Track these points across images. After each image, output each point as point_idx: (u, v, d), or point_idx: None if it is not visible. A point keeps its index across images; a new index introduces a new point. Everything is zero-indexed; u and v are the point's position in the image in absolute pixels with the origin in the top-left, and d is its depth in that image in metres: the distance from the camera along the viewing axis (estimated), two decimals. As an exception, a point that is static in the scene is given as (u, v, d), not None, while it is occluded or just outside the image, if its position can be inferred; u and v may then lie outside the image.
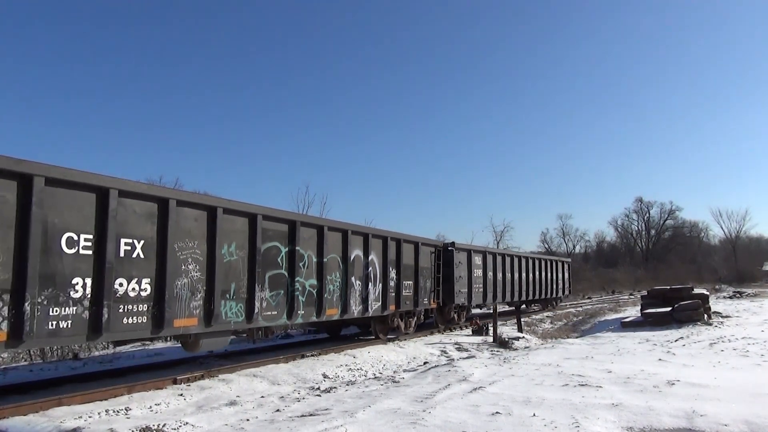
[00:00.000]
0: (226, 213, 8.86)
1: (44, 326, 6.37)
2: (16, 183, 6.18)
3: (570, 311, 27.04)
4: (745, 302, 25.19)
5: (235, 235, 9.11)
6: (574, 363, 9.42)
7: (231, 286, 9.00)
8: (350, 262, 12.08)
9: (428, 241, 16.22)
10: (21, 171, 6.18)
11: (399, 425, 5.45)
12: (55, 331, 6.49)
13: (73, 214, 6.73)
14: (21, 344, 6.25)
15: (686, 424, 5.29)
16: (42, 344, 7.16)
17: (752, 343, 11.24)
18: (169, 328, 7.86)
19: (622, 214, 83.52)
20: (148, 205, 7.68)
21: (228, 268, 8.92)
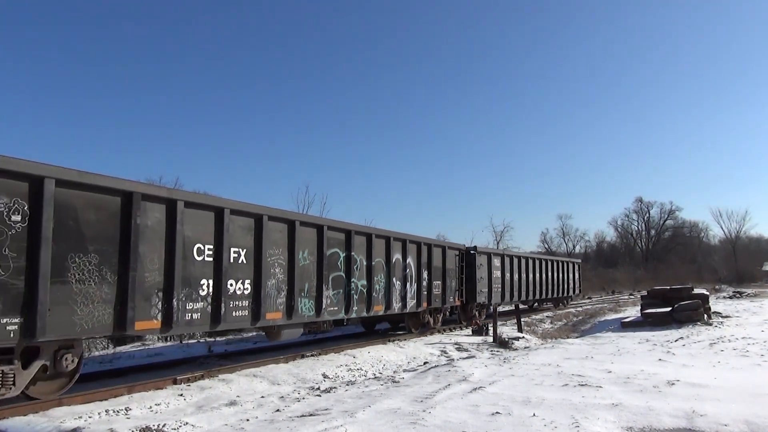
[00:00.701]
0: (301, 225, 10.73)
1: (184, 317, 8.18)
2: (165, 206, 7.99)
3: (570, 311, 27.05)
4: (745, 302, 25.20)
5: (307, 244, 10.91)
6: (574, 363, 9.42)
7: (305, 286, 10.81)
8: (392, 265, 13.81)
9: (454, 245, 17.89)
10: (169, 197, 8.06)
11: (399, 425, 5.46)
12: (190, 321, 8.32)
13: (199, 229, 8.54)
14: (169, 331, 8.06)
15: (686, 424, 5.29)
16: (181, 331, 8.67)
17: (752, 343, 11.24)
18: (262, 320, 9.62)
19: (622, 214, 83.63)
20: (248, 220, 9.46)
21: (303, 271, 10.72)
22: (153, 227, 7.81)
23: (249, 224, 9.49)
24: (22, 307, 6.29)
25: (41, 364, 6.94)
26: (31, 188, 6.42)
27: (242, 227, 9.33)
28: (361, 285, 12.63)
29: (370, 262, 12.90)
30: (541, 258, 27.00)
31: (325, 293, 11.25)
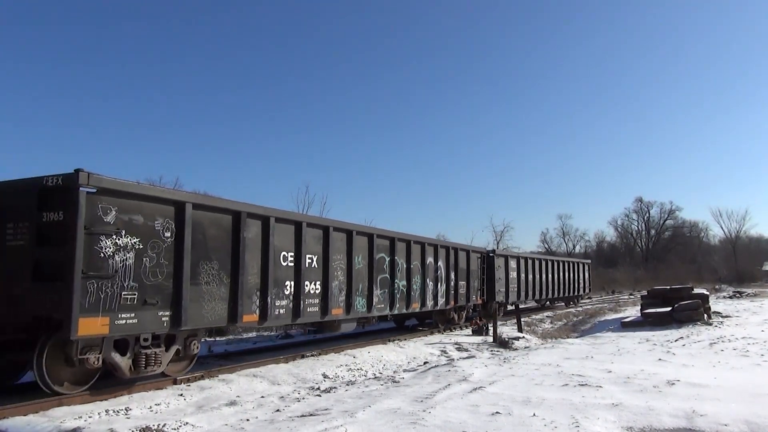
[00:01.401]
0: (357, 234, 12.44)
1: (274, 312, 9.98)
2: (260, 222, 9.78)
3: (570, 311, 27.07)
4: (745, 302, 25.20)
5: (361, 250, 12.64)
6: (574, 363, 9.42)
7: (359, 287, 12.54)
8: (426, 267, 15.47)
9: (476, 249, 19.97)
10: (264, 214, 9.82)
11: (399, 425, 5.46)
12: (278, 316, 10.13)
13: (284, 240, 10.33)
14: (264, 323, 10.00)
15: (686, 424, 5.29)
16: (271, 324, 10.80)
17: (752, 343, 11.24)
18: (329, 315, 11.41)
19: (622, 214, 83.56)
20: (318, 231, 11.31)
21: (358, 273, 12.40)
22: (253, 239, 9.56)
23: (319, 235, 11.30)
24: (171, 303, 8.01)
25: (177, 348, 8.67)
26: (176, 211, 8.16)
27: (314, 237, 11.13)
28: (402, 285, 14.34)
29: (408, 265, 14.61)
30: (553, 259, 28.81)
31: (375, 292, 13.07)
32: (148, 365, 8.07)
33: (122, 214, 7.42)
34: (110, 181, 7.25)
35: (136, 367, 7.95)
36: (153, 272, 7.76)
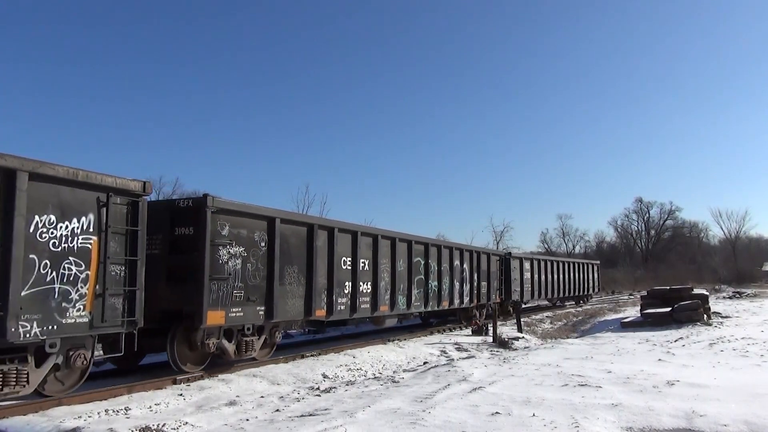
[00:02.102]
0: (399, 241, 14.24)
1: (337, 308, 11.81)
2: (326, 232, 11.68)
3: (570, 311, 27.09)
4: (744, 302, 25.20)
5: (402, 254, 14.39)
6: (573, 363, 9.42)
7: (401, 287, 14.31)
8: (454, 269, 17.17)
9: (496, 252, 22.51)
10: (330, 225, 11.83)
11: (399, 425, 5.46)
12: (340, 311, 11.98)
13: (343, 247, 12.13)
14: (330, 317, 11.72)
15: (686, 425, 5.30)
16: (335, 318, 12.05)
17: (752, 344, 11.24)
18: (377, 311, 13.36)
19: (622, 214, 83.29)
20: (369, 239, 13.11)
21: (399, 275, 14.20)
22: (321, 247, 11.41)
23: (369, 242, 13.09)
24: (265, 300, 9.86)
25: (264, 337, 10.41)
26: (268, 225, 10.01)
27: (366, 244, 12.92)
28: (434, 285, 16.01)
29: (440, 268, 16.28)
30: (564, 260, 30.96)
31: (413, 292, 14.81)
32: (246, 351, 9.86)
33: (233, 229, 9.27)
34: (225, 202, 9.16)
35: (238, 352, 9.72)
36: (253, 275, 9.66)
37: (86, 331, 7.24)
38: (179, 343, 8.91)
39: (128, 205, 7.80)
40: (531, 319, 22.59)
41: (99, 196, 7.37)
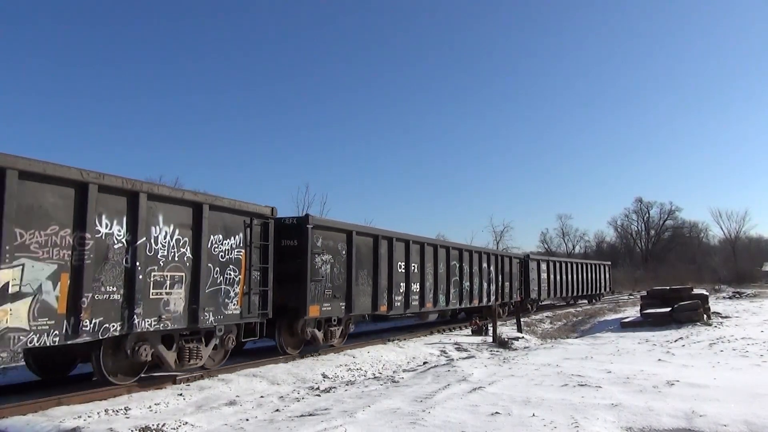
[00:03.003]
0: (440, 247, 16.83)
1: (395, 304, 14.03)
2: (387, 241, 13.89)
3: (570, 311, 27.09)
4: (744, 302, 25.20)
5: (442, 259, 16.72)
6: (573, 363, 9.42)
7: (441, 287, 16.54)
8: (482, 271, 19.55)
9: (516, 255, 24.93)
10: (390, 236, 13.97)
11: (398, 425, 5.46)
12: (397, 307, 14.16)
13: (399, 253, 14.36)
14: (389, 312, 13.97)
15: (686, 425, 5.30)
16: (393, 313, 14.30)
17: (752, 344, 11.24)
18: (424, 307, 15.65)
19: (622, 214, 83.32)
20: (417, 246, 15.36)
21: (440, 277, 16.48)
22: (383, 254, 13.63)
23: (418, 249, 15.40)
24: (345, 297, 12.21)
25: (342, 327, 12.69)
26: (347, 236, 12.36)
27: (416, 251, 15.20)
28: (467, 285, 18.28)
29: (471, 270, 18.59)
30: (577, 261, 33.07)
31: (451, 291, 17.05)
32: (330, 338, 12.25)
33: (324, 240, 11.59)
34: (319, 219, 12.09)
35: (324, 339, 12.02)
36: (337, 277, 11.96)
37: (238, 320, 9.65)
38: (284, 331, 11.26)
39: (261, 225, 10.18)
40: (531, 319, 22.60)
41: (245, 219, 9.79)
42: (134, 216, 7.67)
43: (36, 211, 6.54)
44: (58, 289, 6.73)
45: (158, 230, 8.08)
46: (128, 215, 7.63)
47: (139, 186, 7.77)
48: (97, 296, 7.14)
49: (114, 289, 7.41)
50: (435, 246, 16.44)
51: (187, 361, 8.83)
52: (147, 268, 7.85)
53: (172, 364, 8.62)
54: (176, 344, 8.70)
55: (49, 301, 6.62)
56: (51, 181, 6.69)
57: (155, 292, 8.01)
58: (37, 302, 6.50)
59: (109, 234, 7.38)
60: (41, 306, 6.53)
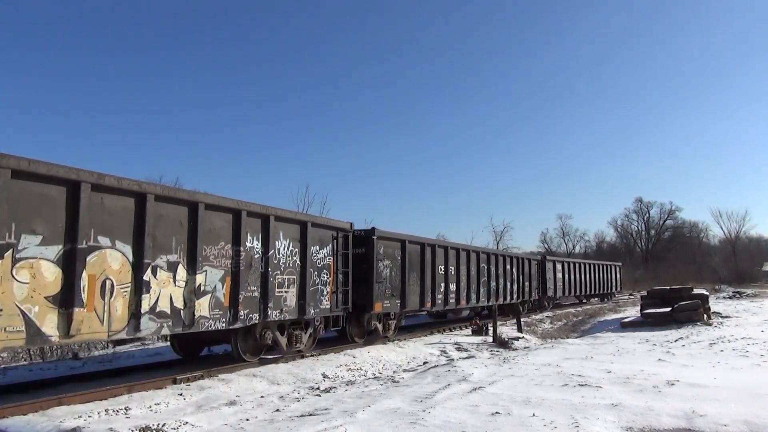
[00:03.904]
0: (472, 252, 19.00)
1: (437, 302, 16.17)
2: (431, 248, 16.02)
3: (570, 311, 27.09)
4: (744, 302, 25.20)
5: (473, 262, 18.84)
6: (573, 363, 9.42)
7: (473, 286, 18.73)
8: (506, 272, 21.76)
9: (534, 257, 26.76)
10: (432, 243, 16.23)
11: (398, 425, 5.46)
12: (438, 304, 16.31)
13: (440, 257, 16.49)
14: (433, 308, 16.17)
15: (686, 425, 5.29)
16: (436, 309, 16.67)
17: (752, 344, 11.24)
18: (459, 305, 17.89)
19: (622, 214, 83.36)
20: (454, 251, 17.64)
21: (472, 278, 18.62)
22: (428, 259, 15.76)
23: (454, 253, 17.57)
24: (400, 296, 14.41)
25: (396, 321, 14.93)
26: (401, 245, 14.60)
27: (453, 255, 17.39)
28: (493, 285, 20.48)
29: (497, 271, 20.80)
30: (590, 262, 35.13)
31: (480, 290, 19.25)
32: (387, 330, 14.55)
33: (385, 249, 13.88)
34: (381, 231, 13.87)
35: (383, 330, 14.28)
36: (394, 279, 14.18)
37: (328, 313, 11.95)
38: (353, 324, 13.45)
39: (343, 237, 12.45)
40: (531, 319, 22.61)
41: (332, 233, 12.09)
42: (266, 233, 10.07)
43: (211, 232, 8.86)
44: (225, 288, 9.10)
45: (280, 243, 10.45)
46: (262, 232, 10.00)
47: (271, 210, 10.18)
48: (246, 294, 9.47)
49: (255, 289, 9.75)
50: (468, 251, 18.65)
51: (294, 344, 11.20)
52: (274, 272, 10.20)
53: (284, 347, 10.93)
54: (287, 331, 11.04)
55: (220, 297, 9.00)
56: (220, 210, 9.07)
57: (278, 291, 10.36)
58: (214, 298, 8.87)
59: (252, 247, 9.71)
60: (215, 301, 8.91)
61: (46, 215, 6.57)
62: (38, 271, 6.46)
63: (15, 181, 6.22)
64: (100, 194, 7.16)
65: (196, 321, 8.47)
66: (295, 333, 11.17)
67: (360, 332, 13.65)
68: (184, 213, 8.42)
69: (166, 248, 8.08)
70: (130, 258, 7.54)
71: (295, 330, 11.18)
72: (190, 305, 8.40)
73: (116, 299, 7.32)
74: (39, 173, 6.47)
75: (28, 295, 6.33)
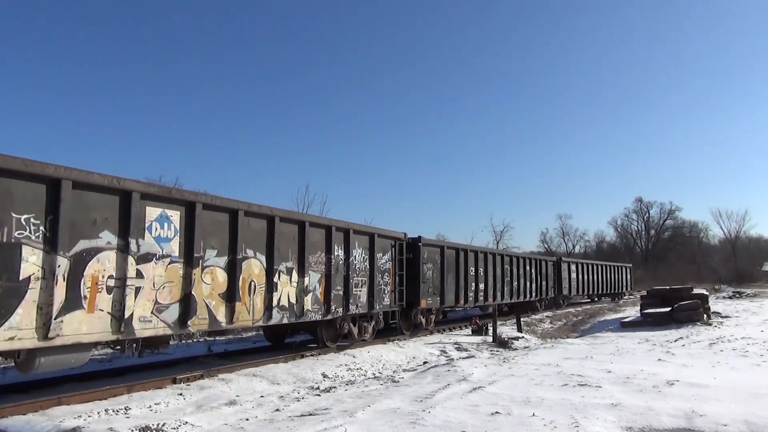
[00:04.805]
0: (497, 255, 21.59)
1: (468, 299, 18.35)
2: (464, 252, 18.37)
3: (570, 311, 27.09)
4: (744, 302, 25.20)
5: (498, 264, 21.07)
6: (573, 363, 9.42)
7: (498, 285, 20.89)
8: (526, 273, 24.04)
9: (550, 259, 28.97)
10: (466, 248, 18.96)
11: (398, 425, 5.45)
12: (470, 301, 18.50)
13: (470, 260, 18.60)
14: (465, 305, 18.66)
15: (685, 424, 5.29)
16: (469, 305, 18.69)
17: (751, 344, 11.24)
18: (487, 301, 19.91)
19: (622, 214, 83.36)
20: (483, 255, 19.83)
21: (497, 278, 20.81)
22: (462, 262, 17.91)
23: (483, 257, 19.85)
24: (439, 294, 16.46)
25: (434, 315, 17.05)
26: (440, 250, 16.81)
27: (481, 258, 19.65)
28: (515, 285, 22.63)
29: (518, 272, 23.05)
30: (602, 264, 36.87)
31: (504, 289, 21.54)
32: (428, 323, 16.58)
33: (428, 254, 16.07)
34: (426, 239, 16.11)
35: (425, 323, 16.29)
36: (435, 279, 16.31)
37: (388, 309, 14.23)
38: (403, 318, 15.56)
39: (399, 245, 14.72)
40: (531, 319, 22.61)
41: (391, 242, 14.45)
42: (347, 244, 12.39)
43: (312, 244, 11.25)
44: (321, 288, 11.56)
45: (356, 252, 12.72)
46: (344, 243, 12.33)
47: (351, 225, 12.60)
48: (334, 292, 11.84)
49: (340, 288, 12.11)
50: (494, 254, 21.22)
51: (362, 334, 13.39)
52: (352, 275, 12.50)
53: (356, 335, 13.12)
54: (357, 323, 13.19)
55: (318, 295, 11.45)
56: (318, 227, 11.60)
57: (355, 290, 12.64)
58: (314, 296, 11.32)
59: (337, 255, 12.08)
60: (315, 298, 11.33)
61: (218, 235, 9.00)
62: (215, 275, 8.89)
63: (205, 212, 8.67)
64: (248, 218, 9.59)
65: (304, 313, 10.97)
66: (363, 324, 13.41)
67: (407, 325, 15.79)
68: (296, 230, 10.90)
69: (285, 257, 10.57)
70: (265, 265, 10.02)
71: (364, 322, 13.44)
72: (300, 301, 10.87)
73: (257, 296, 9.82)
74: (215, 205, 8.97)
75: (210, 293, 8.77)
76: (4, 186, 6.12)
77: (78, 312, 6.77)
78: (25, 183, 6.29)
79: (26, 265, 6.24)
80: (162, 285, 7.90)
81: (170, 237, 8.08)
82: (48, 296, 6.41)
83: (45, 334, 6.39)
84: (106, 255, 7.14)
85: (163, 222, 7.98)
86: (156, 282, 7.80)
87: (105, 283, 7.09)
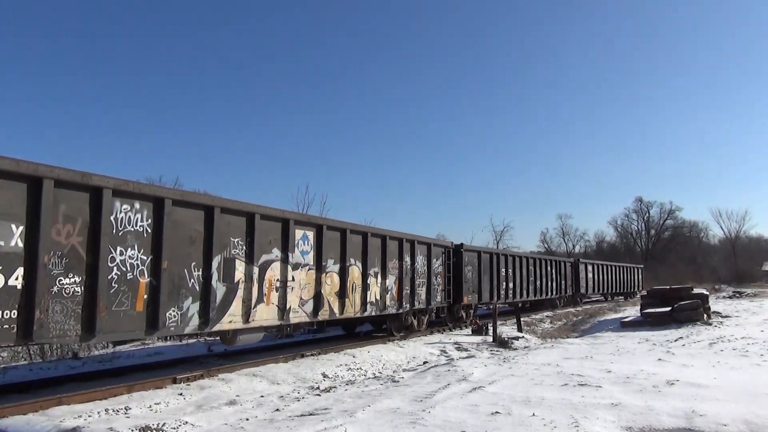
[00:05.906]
0: (523, 257, 23.92)
1: (499, 297, 20.76)
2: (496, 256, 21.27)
3: (570, 311, 27.09)
4: (744, 302, 25.20)
5: (524, 265, 23.46)
6: (573, 363, 9.42)
7: (523, 284, 23.23)
8: (547, 272, 26.46)
9: (568, 260, 31.36)
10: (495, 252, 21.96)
11: (398, 425, 5.45)
12: (501, 299, 21.02)
13: (501, 262, 21.30)
14: (498, 301, 20.07)
15: (685, 424, 5.29)
16: (498, 303, 19.51)
17: (752, 343, 11.23)
18: (516, 298, 22.30)
19: (622, 213, 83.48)
20: (511, 258, 22.56)
21: (523, 277, 23.17)
22: (494, 264, 20.45)
23: (512, 259, 22.39)
24: (476, 291, 18.96)
25: (473, 310, 19.21)
26: (478, 254, 19.47)
27: (510, 260, 22.12)
28: (538, 283, 25.11)
29: (541, 272, 25.46)
30: (616, 264, 38.90)
31: (529, 287, 23.92)
32: (467, 318, 18.59)
33: (468, 258, 18.50)
34: (467, 246, 18.58)
35: (465, 318, 18.46)
36: (474, 279, 18.77)
37: (439, 305, 16.78)
38: (449, 312, 17.90)
39: (447, 252, 17.31)
40: (531, 318, 22.60)
41: (442, 249, 17.05)
42: (413, 252, 15.03)
43: (390, 253, 13.72)
44: (395, 288, 14.07)
45: (418, 258, 15.28)
46: (410, 251, 14.87)
47: (416, 237, 15.18)
48: (404, 291, 14.39)
49: (407, 288, 14.65)
50: (521, 257, 23.67)
51: (420, 326, 15.87)
52: (416, 277, 15.11)
53: (416, 326, 15.61)
54: (417, 316, 15.61)
55: (393, 293, 14.00)
56: (394, 239, 14.06)
57: (418, 290, 15.20)
58: (391, 294, 13.90)
59: (406, 261, 14.61)
60: (391, 296, 13.92)
61: (333, 248, 11.72)
62: (332, 278, 11.69)
63: (328, 232, 11.43)
64: (352, 235, 12.25)
65: (386, 308, 13.63)
66: (421, 317, 15.85)
67: (451, 319, 18.32)
68: (380, 242, 13.47)
69: (373, 263, 13.04)
70: (361, 270, 12.66)
71: (421, 315, 15.87)
72: (383, 298, 13.45)
73: (356, 294, 12.50)
74: (334, 226, 11.81)
75: (330, 291, 11.55)
76: (227, 220, 8.91)
77: (261, 304, 9.60)
78: (237, 218, 9.21)
79: (237, 273, 9.05)
80: (304, 286, 10.74)
81: (308, 251, 10.95)
82: (248, 293, 9.24)
83: (246, 319, 9.24)
84: (276, 264, 10.00)
85: (304, 240, 10.84)
86: (301, 283, 10.62)
87: (275, 285, 9.94)
